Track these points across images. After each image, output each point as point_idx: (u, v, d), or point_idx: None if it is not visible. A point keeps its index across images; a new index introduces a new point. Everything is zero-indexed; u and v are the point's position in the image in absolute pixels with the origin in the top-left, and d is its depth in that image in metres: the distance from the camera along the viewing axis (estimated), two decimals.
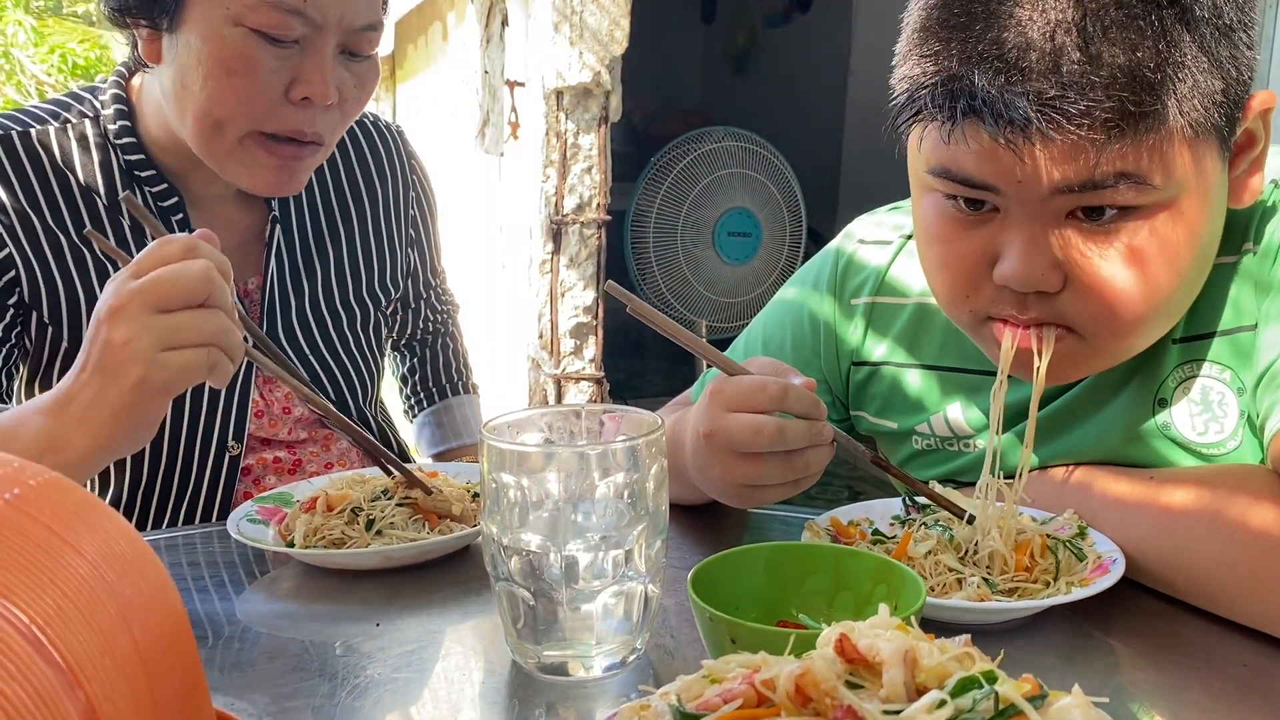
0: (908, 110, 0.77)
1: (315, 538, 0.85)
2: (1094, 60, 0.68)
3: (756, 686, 0.39)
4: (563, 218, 3.03)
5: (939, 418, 0.96)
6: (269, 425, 1.16)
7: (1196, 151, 0.72)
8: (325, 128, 1.02)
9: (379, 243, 1.25)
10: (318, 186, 1.21)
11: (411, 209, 1.30)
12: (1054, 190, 0.72)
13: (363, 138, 1.26)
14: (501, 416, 0.69)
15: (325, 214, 1.21)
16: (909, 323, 0.99)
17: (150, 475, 1.11)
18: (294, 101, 0.98)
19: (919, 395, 0.98)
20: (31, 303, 1.04)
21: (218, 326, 0.78)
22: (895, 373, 0.99)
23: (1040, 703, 0.37)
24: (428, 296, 1.39)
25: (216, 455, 1.12)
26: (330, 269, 1.20)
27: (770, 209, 3.62)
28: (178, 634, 0.36)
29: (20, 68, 8.26)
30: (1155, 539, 0.76)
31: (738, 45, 5.77)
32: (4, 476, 0.33)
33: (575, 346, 3.13)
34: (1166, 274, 0.74)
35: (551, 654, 0.66)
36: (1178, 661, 0.69)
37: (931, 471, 0.98)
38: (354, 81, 1.03)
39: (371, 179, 1.25)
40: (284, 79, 0.97)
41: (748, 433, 0.77)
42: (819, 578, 0.67)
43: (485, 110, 3.51)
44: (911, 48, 0.76)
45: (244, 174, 1.02)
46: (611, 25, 2.90)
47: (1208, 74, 0.70)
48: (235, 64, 0.95)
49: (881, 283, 1.00)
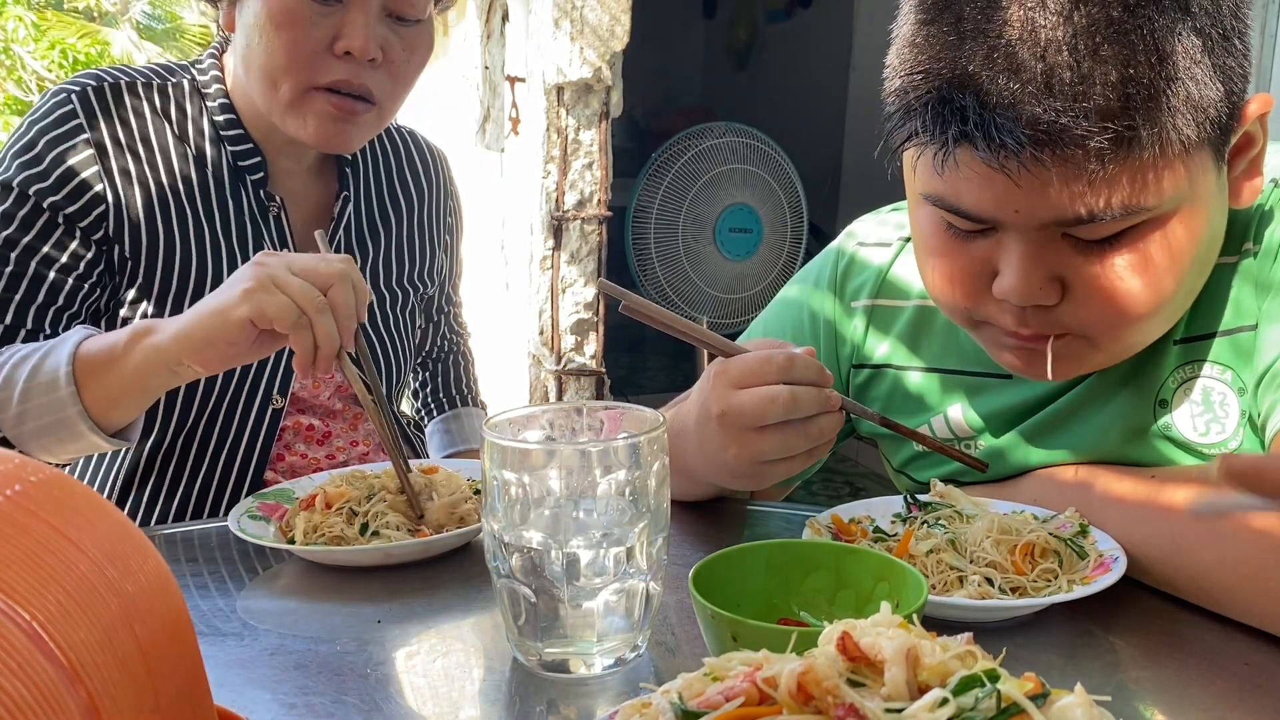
0: (902, 131, 0.76)
1: (315, 535, 0.85)
2: (1086, 79, 0.66)
3: (758, 684, 0.39)
4: (563, 213, 3.03)
5: (940, 419, 0.96)
6: (312, 386, 1.23)
7: (1191, 165, 0.71)
8: (375, 85, 1.09)
9: (421, 237, 1.35)
10: (374, 176, 1.30)
11: (448, 218, 1.41)
12: (1048, 219, 0.71)
13: (414, 146, 1.38)
14: (503, 414, 0.69)
15: (378, 203, 1.30)
16: (909, 324, 0.99)
17: (195, 419, 1.16)
18: (338, 55, 1.06)
19: (920, 396, 0.98)
20: (115, 237, 1.11)
21: (320, 303, 0.90)
22: (896, 374, 0.99)
23: (1042, 701, 0.37)
24: (446, 314, 1.48)
25: (260, 407, 1.18)
26: (380, 252, 1.29)
27: (771, 205, 3.61)
28: (179, 630, 0.36)
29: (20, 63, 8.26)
30: (1157, 538, 0.76)
31: (739, 40, 5.76)
32: (5, 473, 0.33)
33: (576, 342, 3.12)
34: (1166, 279, 0.74)
35: (553, 651, 0.66)
36: (1180, 659, 0.69)
37: (933, 472, 0.98)
38: (401, 45, 1.11)
39: (420, 182, 1.36)
40: (328, 34, 1.06)
41: (762, 404, 0.77)
42: (820, 575, 0.67)
43: (486, 106, 3.51)
44: (902, 62, 0.75)
45: (300, 125, 1.10)
46: (612, 21, 2.90)
47: (1203, 85, 0.69)
48: (282, 19, 1.04)
49: (882, 284, 1.00)
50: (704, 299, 3.61)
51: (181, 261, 1.12)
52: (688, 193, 3.52)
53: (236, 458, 1.18)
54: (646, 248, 3.54)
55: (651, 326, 0.82)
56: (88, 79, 1.13)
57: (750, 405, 0.77)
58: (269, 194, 1.17)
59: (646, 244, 3.54)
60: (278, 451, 1.22)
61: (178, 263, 1.12)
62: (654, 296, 3.57)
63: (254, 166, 1.16)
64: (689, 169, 3.51)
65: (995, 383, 0.94)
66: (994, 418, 0.93)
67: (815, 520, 0.83)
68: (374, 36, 1.06)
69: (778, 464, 0.80)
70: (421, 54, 1.14)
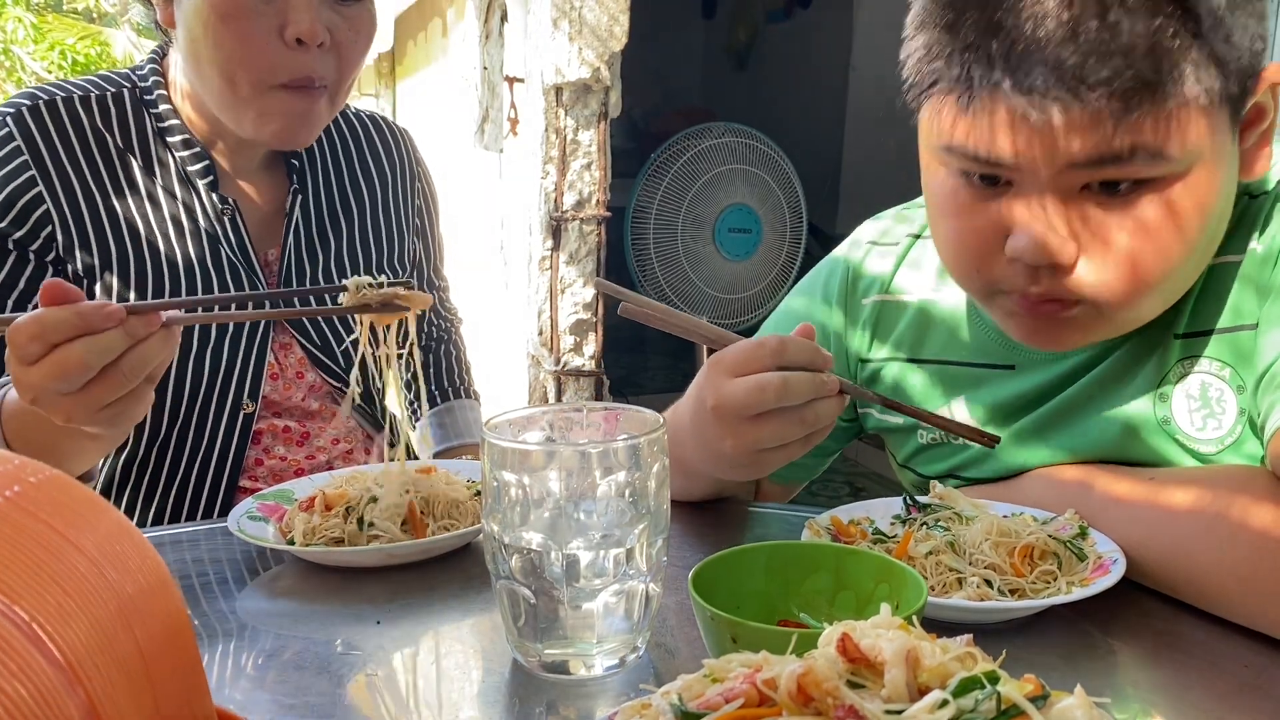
0: (922, 82, 0.76)
1: (314, 537, 0.85)
2: (1112, 28, 0.68)
3: (758, 686, 0.39)
4: (562, 214, 3.03)
5: (944, 412, 0.96)
6: (283, 389, 1.22)
7: (1212, 122, 0.72)
8: (326, 70, 1.08)
9: (386, 224, 1.32)
10: (332, 166, 1.28)
11: (416, 200, 1.37)
12: (1071, 164, 0.72)
13: (374, 129, 1.34)
14: (503, 415, 0.69)
15: (339, 193, 1.28)
16: (913, 320, 0.99)
17: (167, 429, 1.15)
18: (289, 44, 1.04)
19: (924, 390, 0.98)
20: (67, 256, 1.10)
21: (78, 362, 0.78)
22: (901, 368, 1.00)
23: (1042, 703, 0.37)
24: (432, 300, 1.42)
25: (231, 413, 1.17)
26: (343, 244, 1.27)
27: (771, 205, 3.61)
28: (178, 631, 0.36)
29: (20, 64, 8.25)
30: (1156, 539, 0.76)
31: (739, 40, 5.76)
32: (4, 474, 0.33)
33: (575, 343, 3.12)
34: (1178, 245, 0.75)
35: (552, 652, 0.66)
36: (1179, 661, 0.69)
37: (937, 465, 0.98)
38: (347, 25, 1.09)
39: (382, 165, 1.33)
40: (274, 22, 1.04)
41: (753, 392, 0.76)
42: (820, 577, 0.67)
43: (484, 106, 3.50)
44: (926, 18, 0.75)
45: (258, 122, 1.08)
46: (611, 21, 2.90)
47: (1226, 39, 0.70)
48: (226, 9, 1.02)
49: (890, 281, 1.01)
50: (703, 299, 3.61)
51: (137, 272, 1.11)
52: (687, 193, 3.52)
53: (211, 464, 1.17)
54: (646, 248, 3.54)
55: (651, 326, 0.81)
56: (23, 99, 1.12)
57: (742, 393, 0.77)
58: (222, 197, 1.16)
59: (646, 244, 3.53)
60: (256, 456, 1.21)
61: (133, 274, 1.11)
62: (653, 297, 3.55)
63: (204, 170, 1.15)
64: (688, 169, 3.51)
65: (998, 375, 0.94)
66: (997, 410, 0.93)
67: (814, 522, 0.83)
68: (320, 19, 1.05)
69: (775, 452, 0.79)
70: (366, 33, 1.12)
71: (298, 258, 1.22)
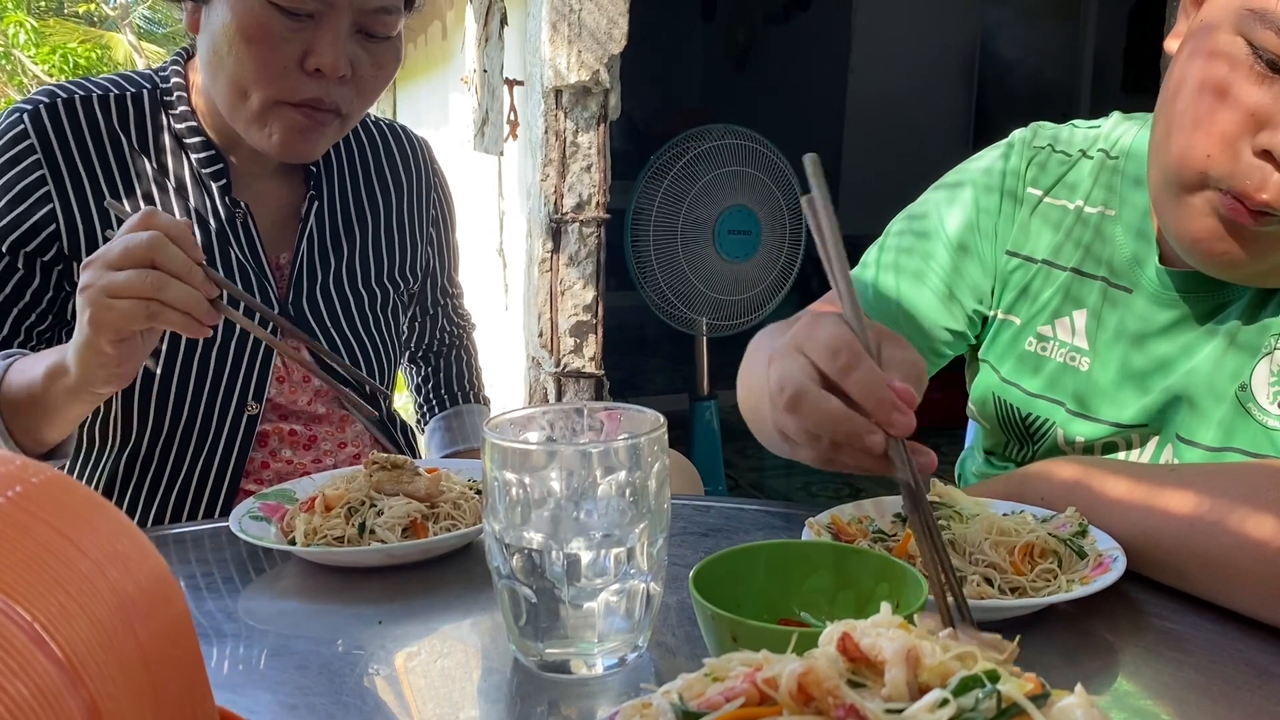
0: None
1: (316, 537, 0.85)
2: None
3: (758, 685, 0.39)
4: (562, 216, 3.03)
5: (1064, 321, 0.98)
6: (289, 392, 1.22)
7: None
8: (341, 99, 1.09)
9: (401, 233, 1.32)
10: (349, 174, 1.28)
11: (432, 209, 1.37)
12: None
13: (392, 139, 1.35)
14: (504, 415, 0.69)
15: (354, 200, 1.28)
16: (1068, 224, 1.01)
17: (170, 427, 1.15)
18: (308, 72, 1.05)
19: (1051, 295, 1.00)
20: (71, 254, 1.11)
21: (155, 280, 0.87)
22: (1038, 270, 1.02)
23: (1043, 702, 0.37)
24: (445, 305, 1.45)
25: (236, 413, 1.17)
26: (355, 251, 1.27)
27: (770, 207, 3.61)
28: (180, 631, 0.36)
29: (21, 68, 8.26)
30: (1169, 524, 0.75)
31: (738, 43, 5.77)
32: (6, 474, 0.33)
33: (575, 345, 3.12)
34: None
35: (553, 652, 0.66)
36: (1180, 659, 0.69)
37: (1032, 380, 1.00)
38: (370, 60, 1.10)
39: (399, 175, 1.34)
40: (298, 49, 1.04)
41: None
42: (820, 576, 0.67)
43: (484, 109, 3.51)
44: None
45: (264, 138, 1.09)
46: (609, 24, 2.90)
47: None
48: (252, 32, 1.03)
49: (1057, 184, 1.02)
50: (703, 300, 3.61)
51: None
52: (686, 195, 3.52)
53: (214, 464, 1.17)
54: (645, 250, 3.54)
55: (811, 231, 0.74)
56: (42, 96, 1.12)
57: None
58: (234, 200, 1.16)
59: (645, 246, 3.54)
60: (263, 459, 1.21)
61: None
62: (653, 298, 3.57)
63: (218, 173, 1.15)
64: (687, 171, 3.51)
65: (1124, 297, 0.95)
66: (1109, 334, 0.95)
67: (814, 521, 0.83)
68: (344, 54, 1.05)
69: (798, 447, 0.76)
70: (389, 69, 1.13)
71: (309, 261, 1.23)
